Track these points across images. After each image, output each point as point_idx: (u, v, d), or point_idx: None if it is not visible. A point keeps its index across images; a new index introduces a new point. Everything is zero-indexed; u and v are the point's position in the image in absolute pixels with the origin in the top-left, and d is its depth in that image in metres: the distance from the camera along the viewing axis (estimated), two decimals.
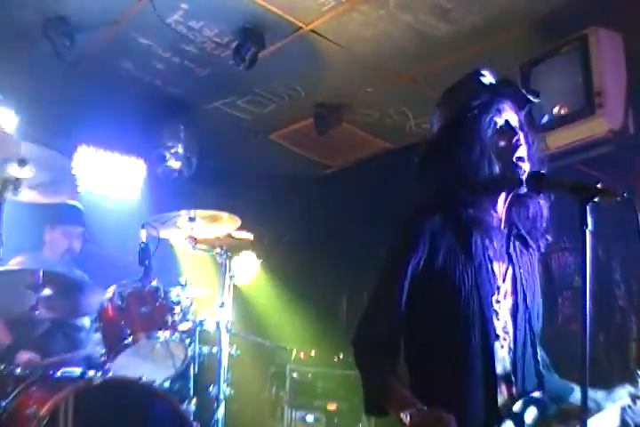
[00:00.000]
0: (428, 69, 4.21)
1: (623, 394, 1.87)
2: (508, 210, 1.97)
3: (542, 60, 3.53)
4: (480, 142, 1.89)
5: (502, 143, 1.91)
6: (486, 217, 1.92)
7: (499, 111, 1.93)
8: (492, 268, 1.90)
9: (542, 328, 2.02)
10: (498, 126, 1.92)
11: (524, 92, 1.99)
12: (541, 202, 1.97)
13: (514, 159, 1.90)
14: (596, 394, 1.84)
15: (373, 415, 1.85)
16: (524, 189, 1.90)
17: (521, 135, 1.93)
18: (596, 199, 1.67)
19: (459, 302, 1.84)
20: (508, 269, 1.94)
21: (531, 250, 2.02)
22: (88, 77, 4.43)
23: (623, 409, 1.84)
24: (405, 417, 1.69)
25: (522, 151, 1.92)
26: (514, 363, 1.87)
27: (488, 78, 1.99)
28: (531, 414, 1.84)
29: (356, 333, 1.93)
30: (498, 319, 1.87)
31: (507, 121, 1.94)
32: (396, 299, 1.88)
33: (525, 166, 1.91)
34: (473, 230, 1.90)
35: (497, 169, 1.88)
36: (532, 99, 1.98)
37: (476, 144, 1.89)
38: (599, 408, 1.82)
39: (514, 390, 1.85)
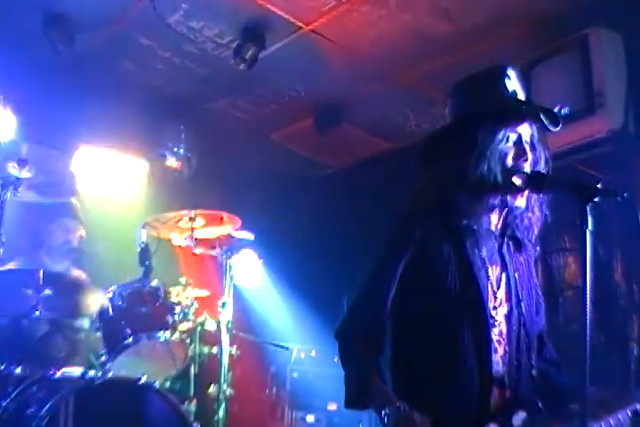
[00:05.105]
0: (428, 69, 4.21)
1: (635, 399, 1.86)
2: (505, 217, 1.95)
3: (542, 60, 3.53)
4: (489, 157, 1.85)
5: (510, 162, 1.88)
6: (480, 225, 1.90)
7: (514, 125, 1.88)
8: (487, 275, 1.89)
9: (545, 329, 2.03)
10: (510, 143, 1.88)
11: (544, 119, 1.88)
12: (537, 213, 1.94)
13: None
14: (605, 396, 1.83)
15: (353, 409, 1.87)
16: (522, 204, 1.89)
17: (529, 155, 1.89)
18: (596, 199, 1.67)
19: (451, 307, 1.84)
20: (502, 273, 1.92)
21: (526, 251, 2.01)
22: (88, 77, 4.43)
23: (635, 413, 1.82)
24: (383, 414, 1.71)
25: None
26: (508, 367, 1.86)
27: (513, 82, 1.92)
28: (520, 418, 1.83)
29: (340, 325, 1.94)
30: (495, 325, 1.86)
31: (519, 137, 1.89)
32: (384, 295, 1.89)
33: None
34: (466, 238, 1.89)
35: (499, 182, 1.86)
36: (550, 128, 1.89)
37: (484, 158, 1.85)
38: (608, 412, 1.80)
39: (506, 393, 1.84)
